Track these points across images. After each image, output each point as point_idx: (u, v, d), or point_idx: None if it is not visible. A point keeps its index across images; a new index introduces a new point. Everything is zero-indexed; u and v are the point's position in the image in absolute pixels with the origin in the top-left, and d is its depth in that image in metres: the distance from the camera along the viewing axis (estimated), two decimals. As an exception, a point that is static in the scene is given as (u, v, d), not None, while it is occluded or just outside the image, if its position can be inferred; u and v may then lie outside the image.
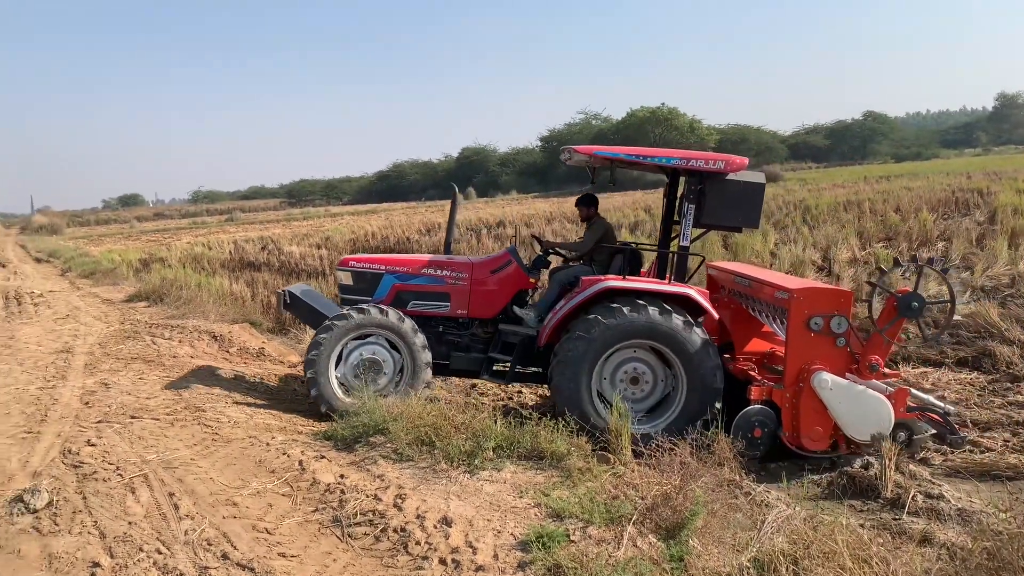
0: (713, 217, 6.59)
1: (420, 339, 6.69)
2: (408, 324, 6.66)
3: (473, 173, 72.07)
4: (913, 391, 6.33)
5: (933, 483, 5.45)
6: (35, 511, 4.15)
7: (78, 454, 5.06)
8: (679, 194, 6.85)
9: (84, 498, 4.38)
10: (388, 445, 5.40)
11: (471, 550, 3.90)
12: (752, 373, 6.67)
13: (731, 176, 6.50)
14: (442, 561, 3.81)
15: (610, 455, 5.46)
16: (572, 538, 4.03)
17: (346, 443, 5.61)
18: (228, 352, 9.40)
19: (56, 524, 4.05)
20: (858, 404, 5.88)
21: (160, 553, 3.80)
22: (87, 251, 25.88)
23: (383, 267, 7.22)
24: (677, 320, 6.28)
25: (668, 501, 4.38)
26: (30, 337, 9.74)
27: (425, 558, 3.83)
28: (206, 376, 7.84)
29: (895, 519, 4.95)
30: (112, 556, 3.74)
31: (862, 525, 4.82)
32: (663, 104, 61.35)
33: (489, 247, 18.14)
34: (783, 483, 5.53)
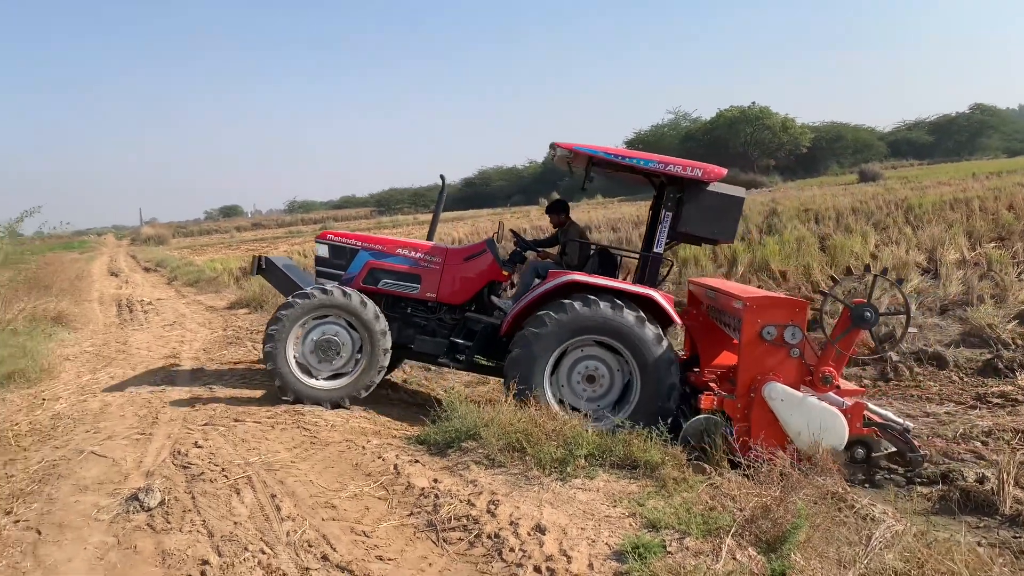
0: (689, 226, 6.55)
1: (381, 324, 6.69)
2: (370, 309, 6.66)
3: (559, 178, 72.00)
4: (871, 406, 6.05)
5: (1058, 499, 5.09)
6: (149, 509, 4.36)
7: (187, 455, 5.28)
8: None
9: (193, 498, 4.57)
10: (480, 451, 5.42)
11: (565, 559, 3.86)
12: (713, 384, 6.50)
13: (711, 188, 6.50)
14: (536, 569, 3.79)
15: (706, 465, 5.33)
16: (669, 549, 3.95)
17: (439, 448, 5.67)
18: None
19: (168, 522, 4.24)
20: (810, 416, 5.68)
21: (264, 553, 3.92)
22: (191, 260, 27.14)
23: (360, 243, 7.34)
24: (629, 315, 6.29)
25: (768, 513, 4.24)
26: (141, 343, 10.30)
27: (520, 565, 3.82)
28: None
29: (1015, 537, 4.64)
30: (220, 555, 3.88)
31: (979, 543, 4.54)
32: (754, 103, 59.74)
33: (576, 252, 18.06)
34: (890, 497, 5.27)
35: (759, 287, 12.31)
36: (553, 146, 6.72)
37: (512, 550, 3.96)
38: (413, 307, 7.29)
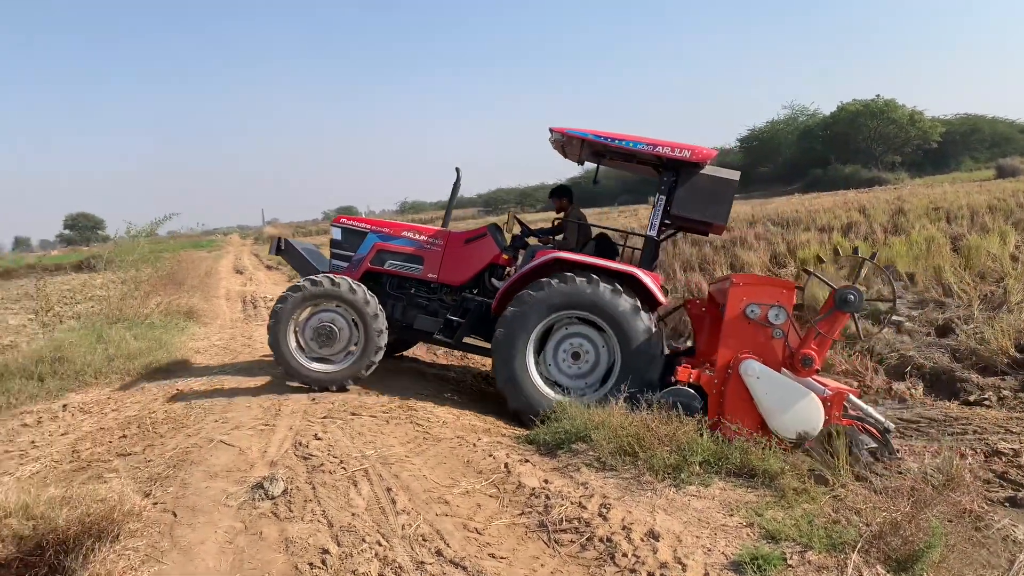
0: (682, 208, 6.67)
1: (379, 323, 6.89)
2: (368, 301, 6.87)
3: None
4: (853, 398, 5.80)
5: None
6: (273, 498, 4.55)
7: (307, 447, 5.48)
8: None
9: (313, 488, 4.73)
10: (590, 453, 5.38)
11: (680, 567, 3.77)
12: (702, 368, 6.40)
13: (705, 171, 6.65)
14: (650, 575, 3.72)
15: (828, 476, 5.09)
16: (789, 562, 3.80)
17: (548, 448, 5.67)
18: (435, 353, 9.87)
19: (291, 511, 4.41)
20: (785, 398, 5.61)
21: (380, 545, 4.02)
22: (310, 259, 28.13)
23: (369, 227, 7.71)
24: (626, 301, 6.47)
25: (898, 530, 4.00)
26: (262, 338, 10.76)
27: (633, 571, 3.76)
28: (416, 376, 8.26)
29: None
30: (339, 544, 4.01)
31: None
32: (878, 96, 56.61)
33: (687, 253, 17.69)
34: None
35: (882, 290, 11.67)
36: (551, 130, 6.93)
37: (625, 555, 3.90)
38: (416, 287, 7.61)
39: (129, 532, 4.06)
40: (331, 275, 7.01)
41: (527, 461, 5.37)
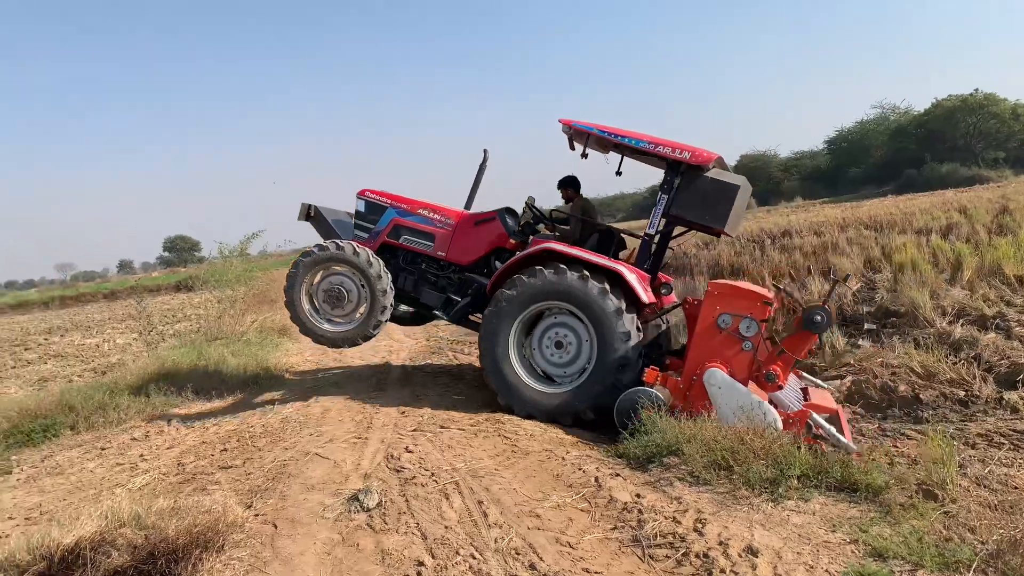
0: (680, 209, 6.68)
1: (383, 283, 7.17)
2: (375, 266, 7.16)
3: (752, 181, 68.69)
4: (816, 418, 5.62)
5: None
6: (368, 510, 4.64)
7: (399, 459, 5.57)
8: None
9: (407, 500, 4.80)
10: (683, 467, 5.27)
11: (782, 585, 3.65)
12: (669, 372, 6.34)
13: (709, 174, 6.62)
14: (750, 593, 3.61)
15: (936, 491, 4.83)
16: (899, 582, 3.62)
17: (639, 462, 5.57)
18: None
19: (385, 523, 4.48)
20: (743, 409, 5.51)
21: (474, 558, 4.03)
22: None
23: (389, 201, 8.00)
24: (599, 291, 6.53)
25: (1017, 548, 3.77)
26: (354, 353, 11.05)
27: (732, 588, 3.65)
28: (502, 390, 8.28)
29: None
30: (433, 557, 4.05)
31: None
32: (976, 90, 53.69)
33: (775, 259, 17.21)
34: None
35: (988, 294, 11.08)
36: (560, 121, 7.17)
37: (723, 571, 3.80)
38: (427, 263, 7.89)
39: (233, 542, 4.21)
40: (337, 240, 7.28)
41: (617, 475, 5.30)
